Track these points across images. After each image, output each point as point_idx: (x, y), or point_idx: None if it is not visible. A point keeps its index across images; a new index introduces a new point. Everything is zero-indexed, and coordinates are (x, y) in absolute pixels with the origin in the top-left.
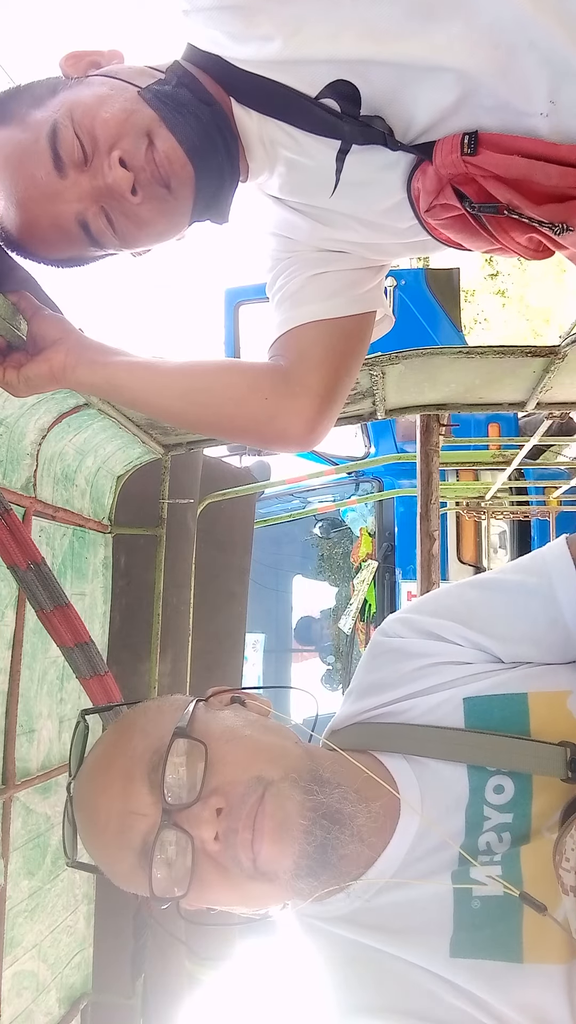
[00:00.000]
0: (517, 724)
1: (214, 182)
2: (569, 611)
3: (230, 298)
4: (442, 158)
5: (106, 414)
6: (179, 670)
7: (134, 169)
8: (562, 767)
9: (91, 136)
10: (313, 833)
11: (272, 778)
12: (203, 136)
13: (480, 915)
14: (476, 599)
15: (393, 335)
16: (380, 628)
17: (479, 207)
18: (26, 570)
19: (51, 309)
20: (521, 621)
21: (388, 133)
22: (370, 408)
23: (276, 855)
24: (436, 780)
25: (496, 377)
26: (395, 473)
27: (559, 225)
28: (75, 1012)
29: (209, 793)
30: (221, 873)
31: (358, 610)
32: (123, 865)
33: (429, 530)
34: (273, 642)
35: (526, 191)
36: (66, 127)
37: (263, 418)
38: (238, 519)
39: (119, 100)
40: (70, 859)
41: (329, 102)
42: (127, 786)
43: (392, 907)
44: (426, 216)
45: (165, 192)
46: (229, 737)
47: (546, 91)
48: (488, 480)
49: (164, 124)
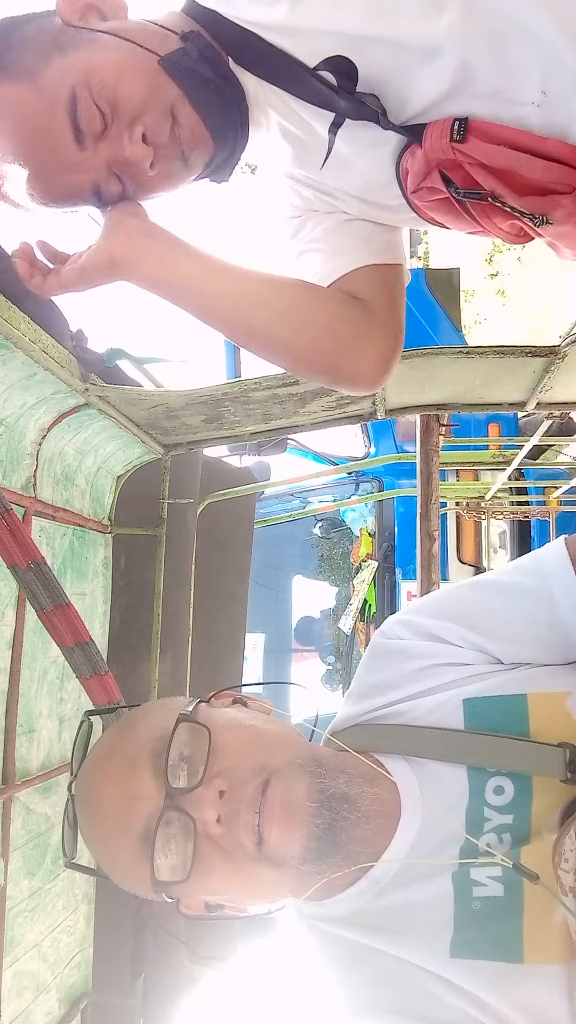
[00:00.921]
0: (516, 725)
1: (228, 152)
2: (568, 612)
3: None
4: (431, 142)
5: (106, 414)
6: (179, 670)
7: (156, 145)
8: (561, 768)
9: (112, 107)
10: (321, 815)
11: (277, 765)
12: (225, 113)
13: (481, 916)
14: (475, 600)
15: None
16: (380, 630)
17: (464, 192)
18: (26, 570)
19: (50, 308)
20: (520, 622)
21: (381, 112)
22: (370, 408)
23: (285, 840)
24: (436, 781)
25: (496, 377)
26: (395, 473)
27: (539, 217)
28: (75, 1012)
29: (212, 776)
30: (224, 857)
31: (358, 610)
32: (124, 854)
33: (429, 530)
34: (273, 642)
35: (510, 182)
36: (86, 98)
37: (345, 350)
38: (238, 519)
39: (140, 71)
40: (68, 858)
41: (326, 75)
42: (130, 772)
43: (392, 908)
44: (413, 197)
45: (181, 165)
46: (232, 726)
47: (538, 81)
48: (488, 480)
49: (189, 102)
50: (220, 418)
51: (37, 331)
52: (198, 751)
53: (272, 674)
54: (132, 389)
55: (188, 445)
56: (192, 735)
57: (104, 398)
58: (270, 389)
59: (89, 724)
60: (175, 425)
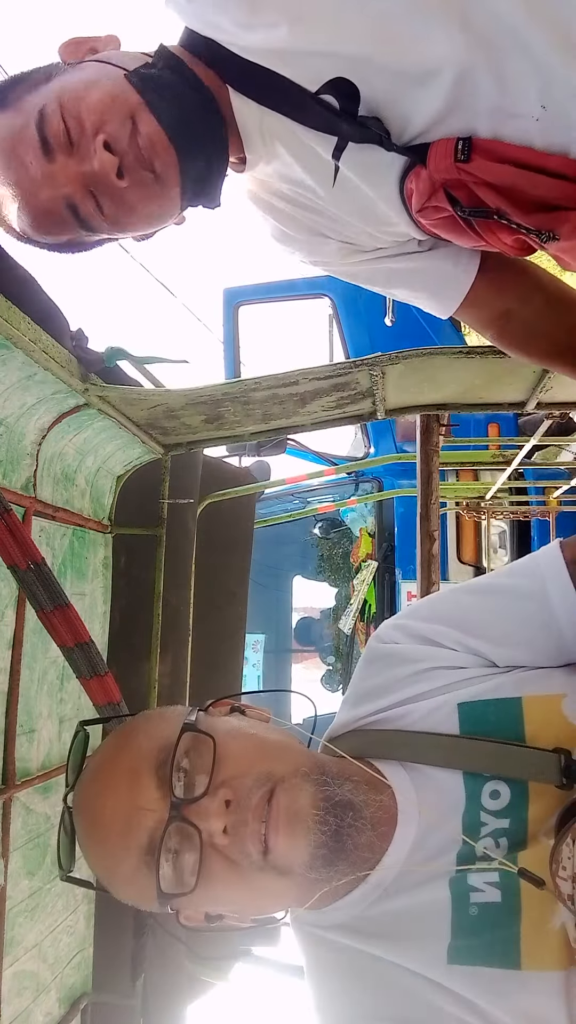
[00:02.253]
0: (511, 729)
1: (200, 166)
2: (562, 614)
3: (229, 298)
4: (436, 163)
5: (106, 414)
6: (179, 670)
7: (119, 153)
8: (556, 774)
9: (77, 120)
10: (327, 822)
11: (282, 774)
12: (186, 120)
13: (478, 922)
14: (470, 604)
15: (393, 335)
16: (375, 634)
17: (470, 211)
18: (26, 570)
19: (50, 308)
20: (515, 624)
21: (385, 134)
22: (370, 408)
23: (291, 848)
24: (432, 786)
25: (496, 377)
26: (395, 473)
27: (546, 233)
28: (75, 1012)
29: (218, 786)
30: (230, 867)
31: (358, 610)
32: (126, 866)
33: (429, 530)
34: (273, 642)
35: (516, 199)
36: (54, 111)
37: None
38: (238, 519)
39: (106, 84)
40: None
41: (328, 98)
42: (133, 782)
43: (390, 915)
44: (418, 215)
45: (151, 176)
46: (236, 735)
47: (537, 96)
48: (488, 480)
49: (147, 107)
50: (220, 418)
51: (37, 331)
52: (202, 761)
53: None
54: (132, 389)
55: (188, 445)
56: (196, 744)
57: (104, 398)
58: (270, 389)
59: (85, 734)
60: (175, 425)
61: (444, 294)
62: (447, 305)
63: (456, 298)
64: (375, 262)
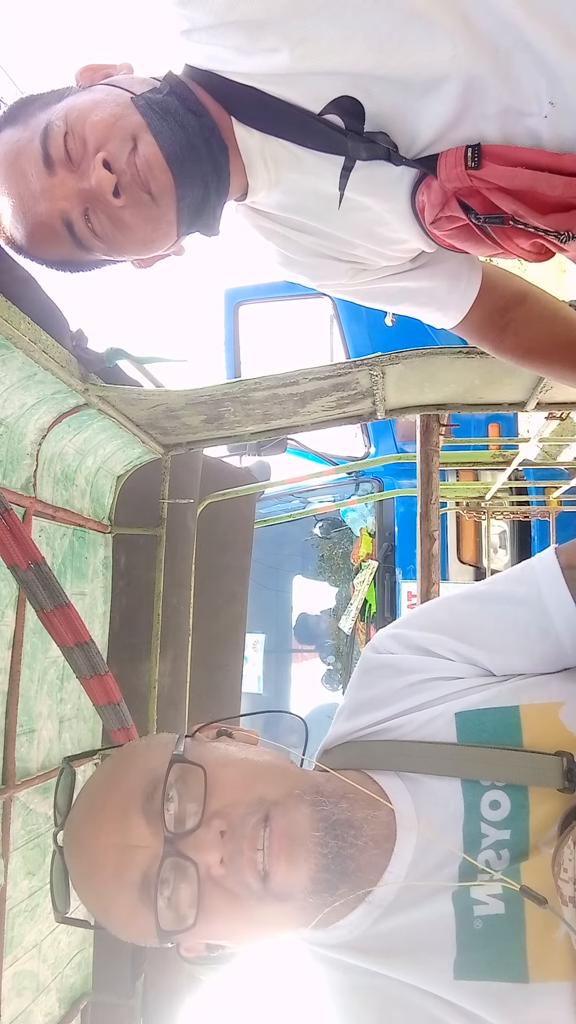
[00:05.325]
0: (509, 737)
1: (197, 191)
2: (558, 620)
3: (230, 298)
4: (446, 172)
5: (106, 414)
6: (179, 670)
7: (117, 172)
8: (559, 777)
9: (81, 137)
10: (327, 844)
11: (275, 797)
12: (186, 144)
13: (483, 935)
14: (466, 612)
15: (393, 335)
16: (370, 644)
17: (485, 218)
18: (26, 570)
19: (50, 308)
20: (511, 632)
21: (392, 149)
22: (370, 408)
23: (291, 873)
24: (431, 797)
25: (496, 377)
26: (395, 473)
27: (564, 233)
28: (75, 1012)
29: (211, 817)
30: (229, 899)
31: (358, 610)
32: (122, 905)
33: (429, 530)
34: (273, 642)
35: (531, 202)
36: (59, 128)
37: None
38: (238, 519)
39: (111, 105)
40: (60, 913)
41: (333, 118)
42: (123, 821)
43: (394, 932)
44: (431, 228)
45: (148, 198)
46: (225, 762)
47: (544, 92)
48: (488, 480)
49: (149, 130)
50: (220, 418)
51: (37, 331)
52: (193, 792)
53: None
54: (132, 389)
55: (188, 445)
56: (185, 775)
57: (104, 398)
58: (270, 389)
59: (71, 771)
60: (175, 425)
61: (450, 306)
62: (452, 316)
63: (462, 308)
64: (380, 281)
